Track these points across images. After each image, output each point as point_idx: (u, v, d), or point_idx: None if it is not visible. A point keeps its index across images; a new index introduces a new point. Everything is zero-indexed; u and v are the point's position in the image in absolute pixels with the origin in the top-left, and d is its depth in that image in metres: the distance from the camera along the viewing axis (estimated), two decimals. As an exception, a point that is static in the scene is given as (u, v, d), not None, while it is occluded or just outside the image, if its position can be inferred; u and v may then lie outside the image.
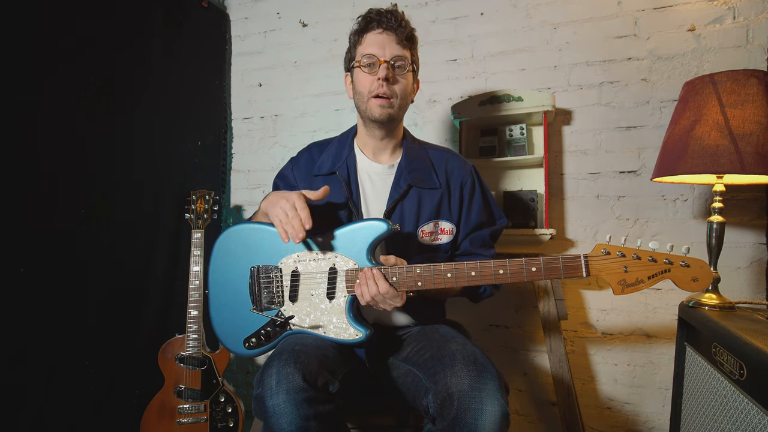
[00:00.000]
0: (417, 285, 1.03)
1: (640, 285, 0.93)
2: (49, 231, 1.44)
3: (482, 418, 0.87)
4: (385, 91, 1.14)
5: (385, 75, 1.12)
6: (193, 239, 1.78)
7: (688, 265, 0.92)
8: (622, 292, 0.94)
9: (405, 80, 1.17)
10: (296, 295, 1.11)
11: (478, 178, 1.29)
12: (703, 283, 0.92)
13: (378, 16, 1.16)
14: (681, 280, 0.92)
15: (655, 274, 0.92)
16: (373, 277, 1.01)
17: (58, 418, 1.46)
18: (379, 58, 1.14)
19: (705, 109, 1.16)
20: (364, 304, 1.04)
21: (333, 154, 1.27)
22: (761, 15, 1.48)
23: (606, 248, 0.94)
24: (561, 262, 0.96)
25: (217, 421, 1.73)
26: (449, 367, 0.95)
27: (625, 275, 0.94)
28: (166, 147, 1.88)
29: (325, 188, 1.08)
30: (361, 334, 1.06)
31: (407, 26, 1.16)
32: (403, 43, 1.15)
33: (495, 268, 0.99)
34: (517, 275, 0.98)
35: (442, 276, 1.02)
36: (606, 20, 1.65)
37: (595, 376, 1.69)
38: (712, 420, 1.02)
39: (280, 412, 0.88)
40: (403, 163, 1.23)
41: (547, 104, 1.55)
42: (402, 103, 1.18)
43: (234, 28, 2.25)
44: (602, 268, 0.94)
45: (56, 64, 1.45)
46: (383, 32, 1.15)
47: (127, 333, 1.71)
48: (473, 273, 1.00)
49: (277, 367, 0.93)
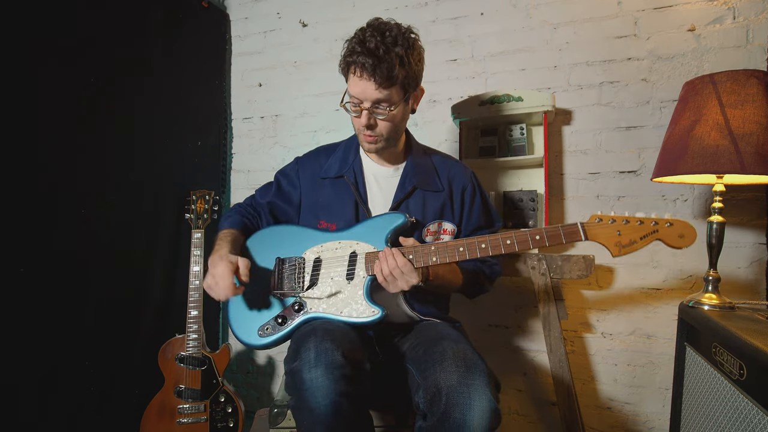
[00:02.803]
0: (432, 260, 1.07)
1: (634, 245, 1.02)
2: (49, 231, 1.44)
3: (470, 414, 0.87)
4: (369, 133, 1.16)
5: (366, 123, 1.14)
6: (193, 239, 1.78)
7: (672, 224, 1.02)
8: (620, 252, 1.03)
9: (389, 120, 1.15)
10: (317, 279, 1.16)
11: (477, 183, 1.34)
12: (689, 238, 1.01)
13: (357, 57, 1.08)
14: (669, 238, 1.02)
15: (646, 235, 1.02)
16: (392, 254, 1.06)
17: (58, 418, 1.46)
18: (361, 103, 1.13)
19: (705, 109, 1.16)
20: (381, 279, 1.07)
21: (340, 159, 1.31)
22: (761, 15, 1.48)
23: (599, 217, 1.05)
24: (561, 230, 1.04)
25: (217, 421, 1.73)
26: (439, 364, 0.96)
27: (619, 238, 1.03)
28: (166, 147, 1.88)
29: (246, 264, 1.13)
30: (377, 311, 1.08)
31: (387, 65, 1.07)
32: (384, 84, 1.08)
33: (503, 240, 1.06)
34: (523, 244, 1.05)
35: (455, 250, 1.07)
36: (606, 20, 1.65)
37: (595, 376, 1.69)
38: (712, 420, 1.02)
39: (317, 385, 0.89)
40: (408, 167, 1.27)
41: (547, 104, 1.55)
42: (390, 136, 1.19)
43: (234, 28, 2.25)
44: (598, 233, 1.04)
45: (56, 64, 1.45)
46: (362, 77, 1.09)
47: (127, 333, 1.71)
48: (483, 245, 1.06)
49: (315, 342, 0.95)
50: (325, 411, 0.89)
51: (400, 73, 1.09)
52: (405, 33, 1.12)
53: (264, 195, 1.37)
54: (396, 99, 1.13)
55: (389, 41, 1.08)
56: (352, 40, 1.12)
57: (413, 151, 1.31)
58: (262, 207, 1.36)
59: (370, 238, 1.16)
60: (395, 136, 1.21)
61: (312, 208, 1.29)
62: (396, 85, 1.11)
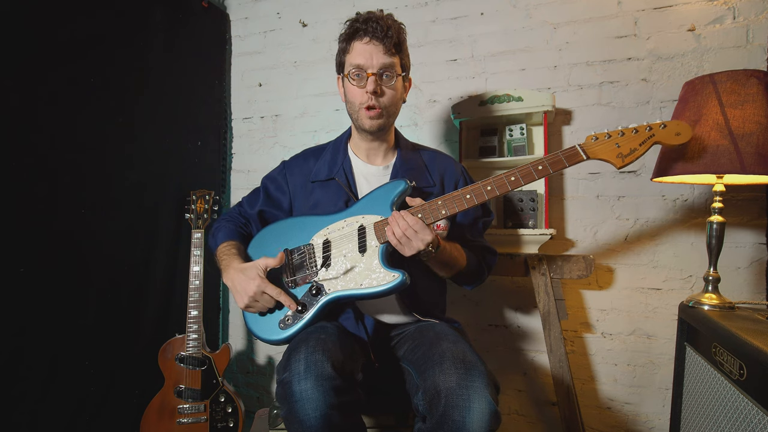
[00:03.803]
0: (442, 213, 1.07)
1: (635, 152, 1.04)
2: (49, 231, 1.44)
3: (470, 416, 0.87)
4: (374, 103, 1.16)
5: (373, 89, 1.14)
6: (193, 239, 1.78)
7: (666, 125, 1.04)
8: (623, 162, 1.04)
9: (393, 89, 1.18)
10: (329, 259, 1.14)
11: (469, 177, 1.36)
12: (686, 135, 1.04)
13: (364, 24, 1.15)
14: (667, 138, 1.04)
15: (644, 140, 1.04)
16: (401, 216, 1.05)
17: (58, 418, 1.46)
18: (366, 70, 1.15)
19: (705, 109, 1.16)
20: (395, 242, 1.05)
21: (329, 161, 1.29)
22: (761, 15, 1.48)
23: (595, 135, 1.07)
24: (561, 155, 1.06)
25: (217, 421, 1.73)
26: (438, 365, 0.95)
27: (619, 150, 1.05)
28: (166, 147, 1.88)
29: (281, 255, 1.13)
30: (398, 275, 1.05)
31: (395, 33, 1.15)
32: (391, 51, 1.14)
33: (507, 177, 1.07)
34: (528, 177, 1.06)
35: (462, 198, 1.08)
36: (606, 20, 1.65)
37: (595, 376, 1.69)
38: (712, 420, 1.02)
39: (307, 397, 0.88)
40: (398, 164, 1.27)
41: (547, 104, 1.55)
42: (392, 111, 1.21)
43: (234, 28, 2.25)
44: (597, 150, 1.06)
45: (56, 64, 1.45)
46: (370, 42, 1.14)
47: (127, 333, 1.71)
48: (489, 188, 1.07)
49: (305, 353, 0.93)
50: (316, 423, 0.88)
51: (404, 45, 1.18)
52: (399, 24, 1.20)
53: (253, 204, 1.36)
54: (399, 70, 1.18)
55: (387, 23, 1.15)
56: (352, 19, 1.19)
57: (401, 146, 1.31)
58: (253, 218, 1.34)
59: (375, 209, 1.13)
60: (394, 113, 1.22)
61: (303, 211, 1.27)
62: (400, 55, 1.17)
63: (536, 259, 1.57)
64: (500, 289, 1.78)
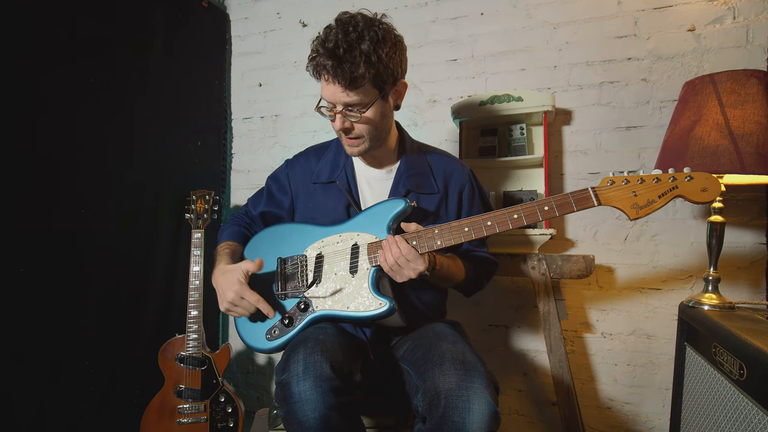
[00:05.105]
0: (437, 244, 1.03)
1: (653, 205, 0.93)
2: (49, 231, 1.44)
3: (469, 417, 0.87)
4: (348, 137, 1.12)
5: (340, 127, 1.09)
6: (193, 239, 1.78)
7: (692, 178, 0.92)
8: (638, 214, 0.94)
9: (364, 121, 1.08)
10: (320, 275, 1.13)
11: (476, 182, 1.29)
12: (713, 191, 0.91)
13: (320, 58, 1.02)
14: (691, 193, 0.92)
15: (665, 192, 0.93)
16: (395, 242, 1.01)
17: (59, 418, 1.46)
18: (334, 107, 1.07)
19: (705, 109, 1.16)
20: (387, 269, 1.03)
21: (331, 162, 1.27)
22: (761, 15, 1.48)
23: (611, 179, 0.96)
24: (571, 197, 0.97)
25: (217, 421, 1.73)
26: (438, 366, 0.95)
27: (635, 199, 0.94)
28: (166, 147, 1.88)
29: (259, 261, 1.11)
30: (385, 303, 1.04)
31: (351, 68, 0.99)
32: (350, 86, 1.01)
33: (509, 214, 1.00)
34: (532, 216, 0.99)
35: (460, 230, 1.02)
36: (606, 20, 1.65)
37: (595, 376, 1.69)
38: (712, 420, 1.02)
39: (305, 398, 0.88)
40: (402, 168, 1.22)
41: (547, 104, 1.55)
42: (373, 135, 1.12)
43: (234, 28, 2.25)
44: (611, 196, 0.95)
45: (56, 64, 1.45)
46: (329, 81, 1.04)
47: (127, 333, 1.71)
48: (489, 223, 1.01)
49: (304, 354, 0.93)
50: (315, 424, 0.87)
51: (368, 72, 1.00)
52: (373, 25, 1.03)
53: (256, 205, 1.35)
54: (368, 100, 1.05)
55: (353, 38, 1.00)
56: (316, 40, 1.05)
57: (407, 149, 1.24)
58: (256, 218, 1.35)
59: (371, 227, 1.11)
60: (378, 136, 1.14)
61: (304, 213, 1.26)
62: (364, 86, 1.02)
63: (536, 259, 1.58)
64: (500, 289, 1.78)
